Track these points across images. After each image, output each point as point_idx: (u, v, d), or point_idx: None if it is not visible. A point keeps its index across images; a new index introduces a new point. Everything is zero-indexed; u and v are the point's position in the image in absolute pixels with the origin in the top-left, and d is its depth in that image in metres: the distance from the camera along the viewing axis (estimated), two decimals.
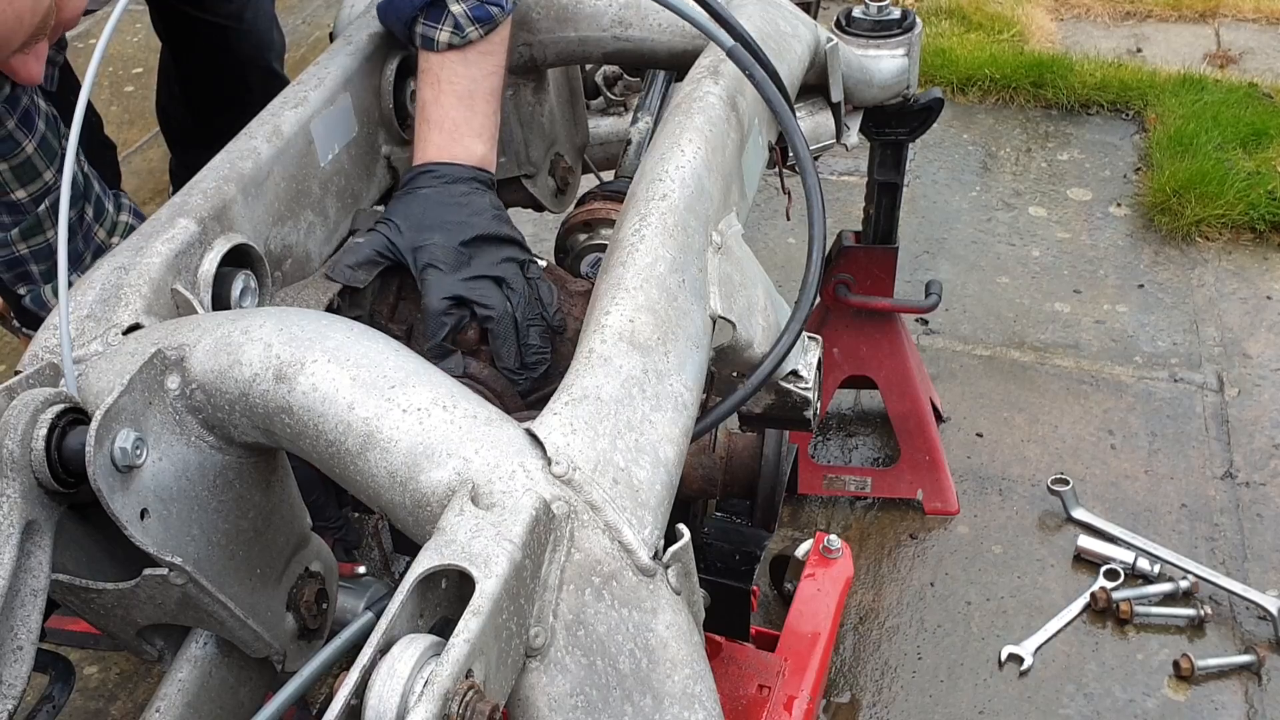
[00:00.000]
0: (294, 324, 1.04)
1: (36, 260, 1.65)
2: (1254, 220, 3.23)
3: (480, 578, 0.85)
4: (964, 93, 3.90)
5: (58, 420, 0.96)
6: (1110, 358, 2.88)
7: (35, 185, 1.59)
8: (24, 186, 1.58)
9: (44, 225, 1.61)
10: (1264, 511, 2.46)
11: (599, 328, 1.15)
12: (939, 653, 2.23)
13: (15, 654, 0.96)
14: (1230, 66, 4.04)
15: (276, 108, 1.53)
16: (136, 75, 4.29)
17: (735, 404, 1.38)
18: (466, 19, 1.53)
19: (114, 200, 1.73)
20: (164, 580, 1.03)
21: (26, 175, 1.58)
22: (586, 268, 1.88)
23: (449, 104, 1.55)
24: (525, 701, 0.93)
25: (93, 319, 1.16)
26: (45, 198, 1.59)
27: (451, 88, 1.55)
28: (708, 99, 1.50)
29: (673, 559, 1.01)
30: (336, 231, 1.63)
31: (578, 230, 1.84)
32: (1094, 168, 3.57)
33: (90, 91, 1.07)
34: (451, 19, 1.53)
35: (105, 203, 1.71)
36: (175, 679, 1.15)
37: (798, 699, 1.75)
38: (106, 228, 1.70)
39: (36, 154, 1.58)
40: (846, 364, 2.49)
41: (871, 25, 2.08)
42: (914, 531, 2.47)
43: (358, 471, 0.99)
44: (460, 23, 1.53)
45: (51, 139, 1.61)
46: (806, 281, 1.42)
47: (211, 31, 2.54)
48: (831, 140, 1.97)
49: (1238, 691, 2.13)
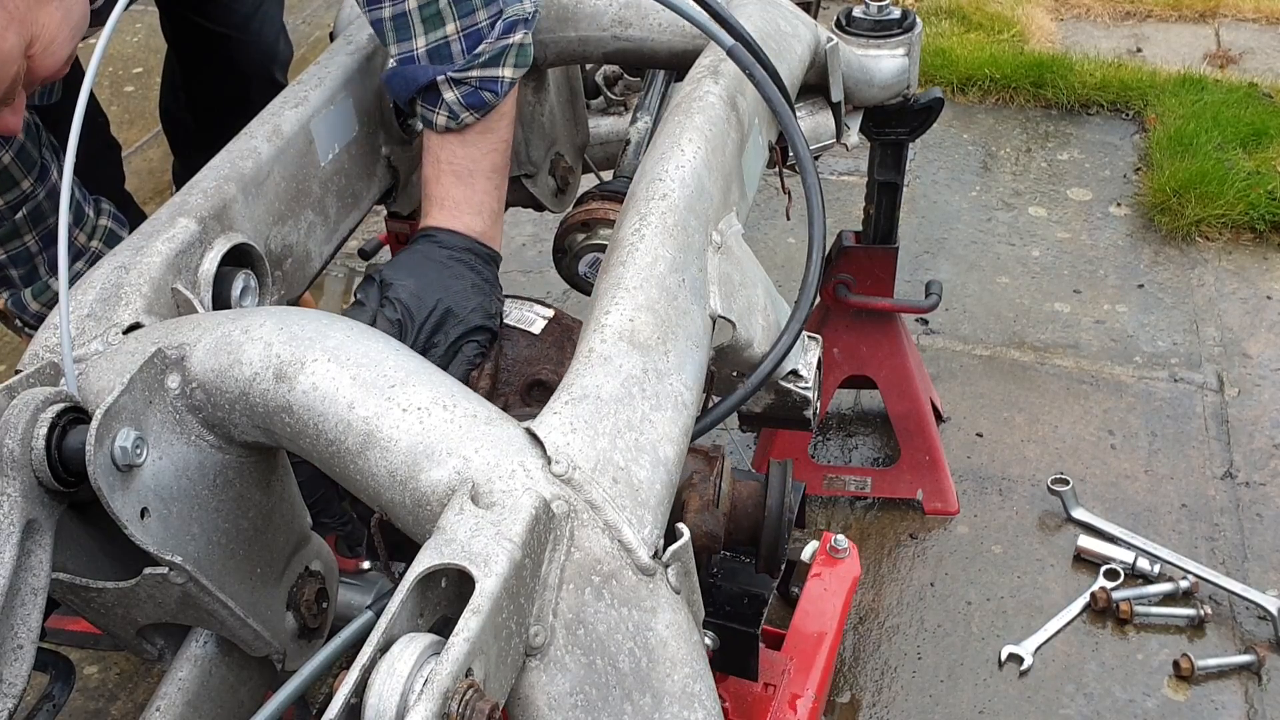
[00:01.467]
0: (294, 323, 1.04)
1: (15, 265, 1.68)
2: (1254, 220, 3.23)
3: (480, 577, 0.86)
4: (964, 92, 3.90)
5: (58, 419, 0.96)
6: (1110, 358, 2.88)
7: (12, 194, 1.61)
8: (1, 195, 1.60)
9: (21, 231, 1.63)
10: (1264, 511, 2.46)
11: (599, 327, 1.15)
12: (939, 653, 2.23)
13: (15, 653, 0.96)
14: (1230, 66, 4.04)
15: (277, 107, 1.53)
16: (137, 75, 4.29)
17: (735, 403, 1.38)
18: (460, 105, 1.53)
19: (94, 205, 1.75)
20: (164, 579, 1.03)
21: (3, 184, 1.60)
22: (585, 268, 1.88)
23: (448, 183, 1.57)
24: (525, 700, 0.93)
25: (93, 318, 1.17)
26: (23, 205, 1.61)
27: (450, 168, 1.57)
28: (708, 99, 1.50)
29: (672, 558, 1.02)
30: (337, 231, 1.63)
31: (576, 230, 1.84)
32: (1094, 168, 3.57)
33: (90, 89, 1.07)
34: (446, 106, 1.53)
35: (85, 207, 1.73)
36: (175, 678, 1.16)
37: (802, 698, 1.75)
38: (86, 231, 1.72)
39: (14, 163, 1.61)
40: (846, 364, 2.49)
41: (872, 25, 2.08)
42: (914, 531, 2.47)
43: (358, 471, 0.99)
44: (454, 110, 1.53)
45: (31, 148, 1.62)
46: (806, 281, 1.42)
47: (217, 40, 2.53)
48: (832, 140, 1.97)
49: (1238, 691, 2.13)
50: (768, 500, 1.32)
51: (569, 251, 1.86)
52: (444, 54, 1.52)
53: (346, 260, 3.29)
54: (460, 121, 1.54)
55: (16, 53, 1.15)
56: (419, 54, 1.52)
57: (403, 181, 1.81)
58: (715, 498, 1.25)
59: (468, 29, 1.51)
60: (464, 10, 1.49)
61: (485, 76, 1.53)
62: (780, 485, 1.33)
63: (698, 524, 1.20)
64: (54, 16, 1.19)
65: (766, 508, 1.32)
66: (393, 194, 1.83)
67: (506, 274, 2.29)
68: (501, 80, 1.54)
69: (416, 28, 1.51)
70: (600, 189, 1.85)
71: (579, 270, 1.89)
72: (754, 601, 1.54)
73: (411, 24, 1.51)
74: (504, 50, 1.53)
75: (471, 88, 1.52)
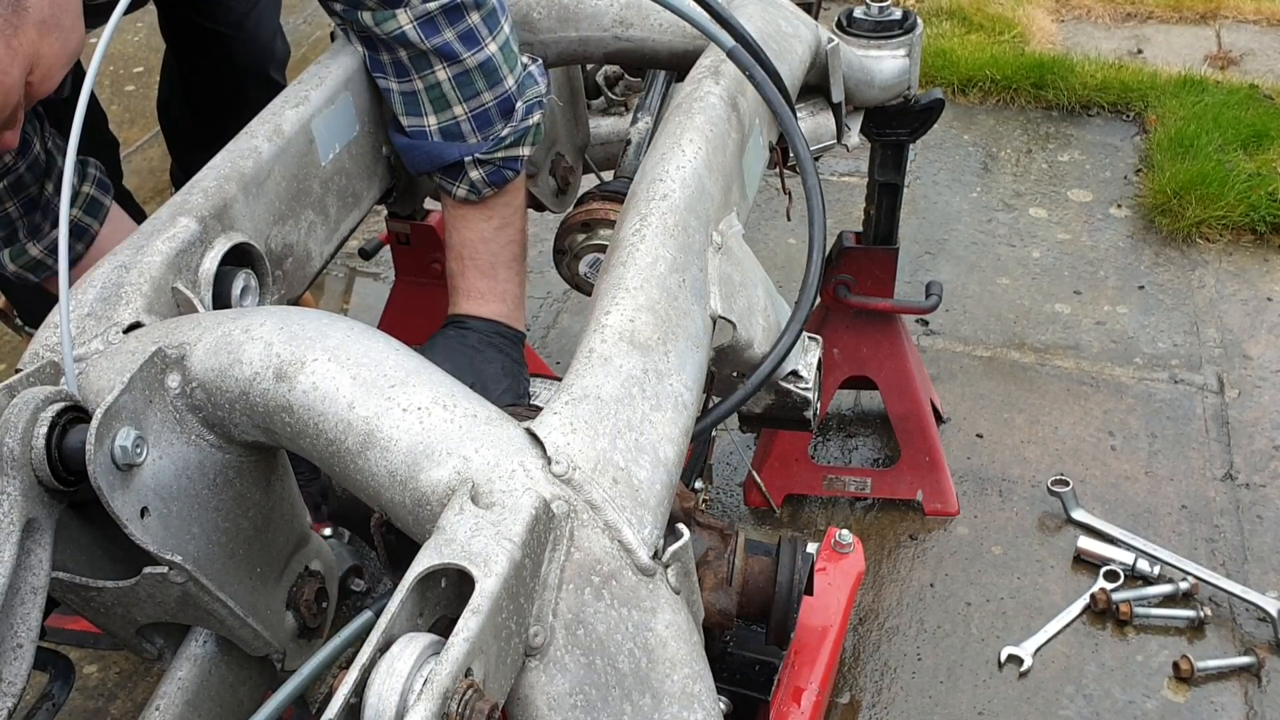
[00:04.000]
0: (294, 323, 1.04)
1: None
2: (1255, 222, 3.22)
3: (480, 576, 0.85)
4: (965, 94, 3.90)
5: (58, 418, 0.96)
6: (1110, 359, 2.88)
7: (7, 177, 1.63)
8: None
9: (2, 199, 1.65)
10: (1264, 513, 2.46)
11: (599, 327, 1.15)
12: (939, 654, 2.23)
13: (15, 652, 0.96)
14: (1231, 68, 4.04)
15: (278, 107, 1.53)
16: (137, 74, 4.29)
17: (735, 404, 1.38)
18: (483, 183, 1.65)
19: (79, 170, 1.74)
20: (164, 578, 1.03)
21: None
22: (585, 268, 1.88)
23: (473, 278, 1.69)
24: (525, 700, 0.93)
25: (93, 317, 1.17)
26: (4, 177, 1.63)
27: (474, 264, 1.69)
28: (708, 99, 1.50)
29: (672, 558, 1.02)
30: (337, 231, 1.63)
31: (576, 230, 1.84)
32: (1094, 169, 3.57)
33: (91, 89, 1.07)
34: (469, 182, 1.65)
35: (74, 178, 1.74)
36: (175, 677, 1.16)
37: (806, 691, 1.75)
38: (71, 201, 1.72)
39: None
40: (846, 364, 2.49)
41: (872, 26, 2.08)
42: (914, 532, 2.47)
43: (358, 470, 0.99)
44: (477, 186, 1.65)
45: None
46: (807, 282, 1.42)
47: (213, 38, 2.54)
48: (832, 141, 1.97)
49: (1237, 693, 2.13)
50: (778, 577, 1.36)
51: (569, 252, 1.86)
52: (455, 132, 1.61)
53: (347, 260, 3.29)
54: (480, 195, 1.66)
55: (20, 84, 1.19)
56: (430, 130, 1.61)
57: (403, 181, 1.81)
58: (729, 574, 1.29)
59: (475, 110, 1.60)
60: (469, 94, 1.58)
61: (508, 157, 1.64)
62: (790, 563, 1.38)
63: (712, 602, 1.25)
64: (54, 46, 1.22)
65: (777, 584, 1.37)
66: (393, 194, 1.83)
67: None
68: (521, 159, 1.66)
69: (425, 106, 1.60)
70: (600, 189, 1.86)
71: (580, 270, 1.89)
72: (765, 669, 1.61)
73: (421, 102, 1.59)
74: (525, 132, 1.64)
75: (495, 167, 1.64)
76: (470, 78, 1.57)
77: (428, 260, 2.30)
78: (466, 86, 1.57)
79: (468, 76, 1.57)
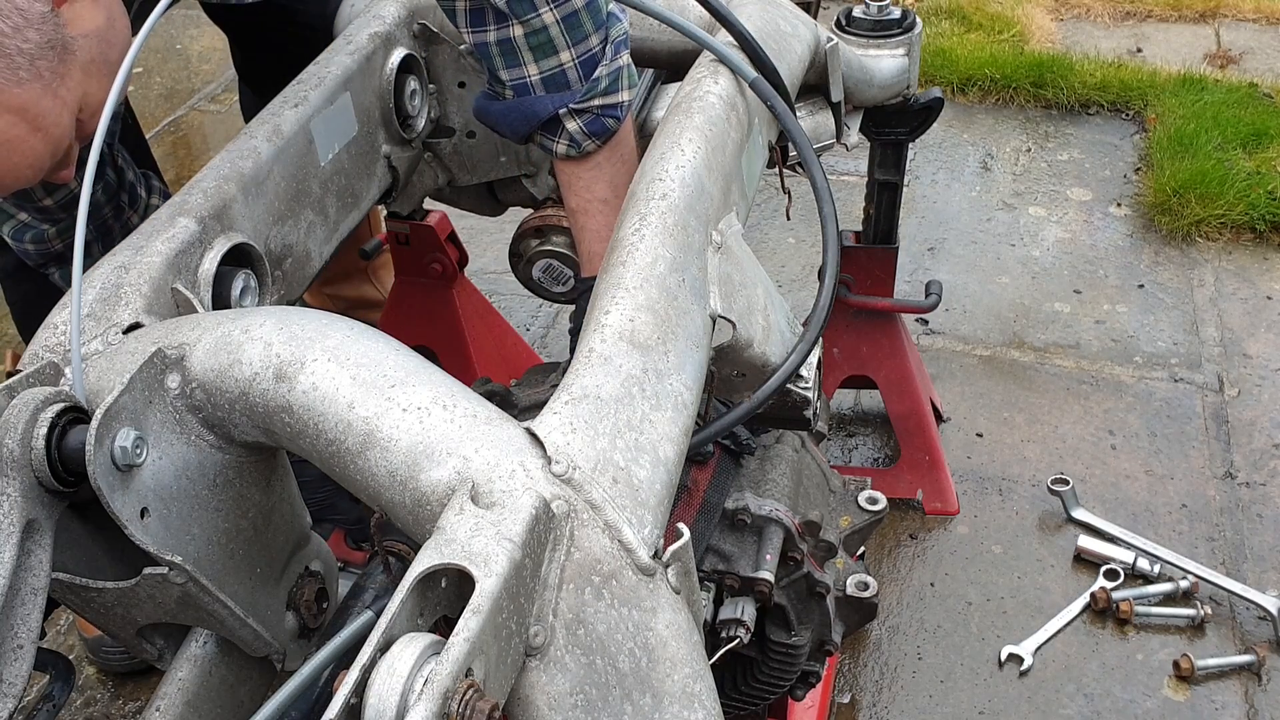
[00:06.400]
0: (294, 323, 1.04)
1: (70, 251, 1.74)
2: (1254, 220, 3.22)
3: (480, 576, 0.85)
4: (964, 93, 3.90)
5: (58, 419, 0.96)
6: (1110, 358, 2.88)
7: (61, 193, 1.66)
8: (50, 196, 1.66)
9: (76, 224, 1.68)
10: (1264, 512, 2.46)
11: (599, 327, 1.15)
12: (939, 653, 2.23)
13: (15, 652, 0.96)
14: (1230, 66, 4.04)
15: (276, 107, 1.53)
16: (137, 74, 4.29)
17: (743, 415, 1.35)
18: (582, 134, 1.50)
19: (144, 183, 1.81)
20: (164, 579, 1.03)
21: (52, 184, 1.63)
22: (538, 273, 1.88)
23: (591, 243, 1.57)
24: (525, 700, 0.93)
25: (93, 318, 1.17)
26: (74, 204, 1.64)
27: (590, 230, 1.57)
28: (708, 98, 1.50)
29: (672, 558, 1.02)
30: (337, 231, 1.63)
31: (530, 236, 1.85)
32: (1094, 168, 3.57)
33: (122, 93, 1.09)
34: (567, 135, 1.50)
35: (138, 189, 1.79)
36: (175, 678, 1.15)
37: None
38: (141, 214, 1.79)
39: None
40: (846, 364, 2.49)
41: (872, 25, 2.08)
42: (914, 531, 2.47)
43: (358, 470, 0.99)
44: (576, 139, 1.51)
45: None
46: (822, 291, 1.41)
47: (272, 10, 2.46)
48: (831, 140, 1.97)
49: (1237, 692, 2.13)
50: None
51: (523, 256, 1.86)
52: (560, 81, 1.48)
53: None
54: (582, 150, 1.52)
55: (70, 129, 1.19)
56: (532, 82, 1.48)
57: (402, 181, 1.81)
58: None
59: (583, 55, 1.46)
60: (577, 37, 1.44)
61: (606, 104, 1.50)
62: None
63: None
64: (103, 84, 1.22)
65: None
66: (392, 194, 1.83)
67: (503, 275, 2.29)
68: (622, 105, 1.51)
69: (525, 55, 1.46)
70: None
71: (532, 275, 1.90)
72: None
73: (519, 50, 1.46)
74: (618, 73, 1.50)
75: (594, 115, 1.49)
76: (579, 19, 1.44)
77: (427, 260, 2.30)
78: (576, 29, 1.44)
79: (576, 18, 1.44)
